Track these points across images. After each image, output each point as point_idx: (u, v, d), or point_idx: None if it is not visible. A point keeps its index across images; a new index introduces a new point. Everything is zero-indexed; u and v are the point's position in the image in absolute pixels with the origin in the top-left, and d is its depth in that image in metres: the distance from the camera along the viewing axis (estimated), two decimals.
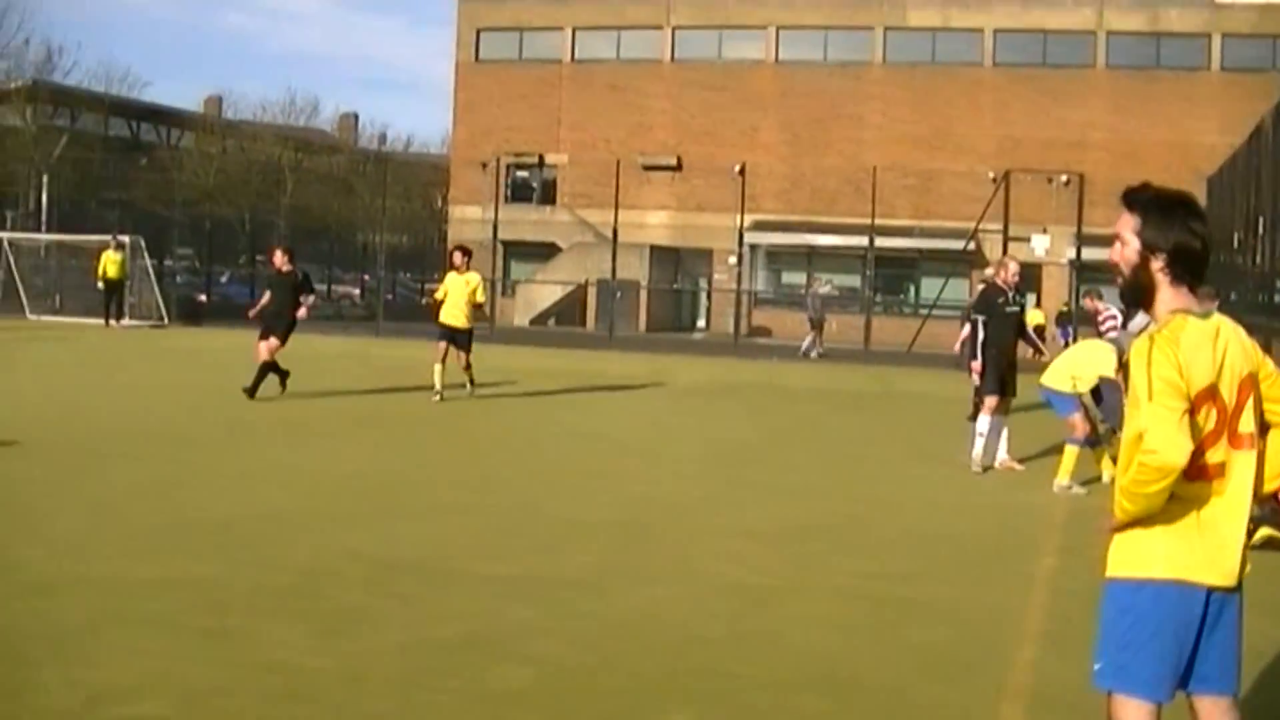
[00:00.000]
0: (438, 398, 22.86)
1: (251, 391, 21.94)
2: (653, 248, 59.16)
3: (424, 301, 20.11)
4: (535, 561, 11.02)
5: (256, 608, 9.23)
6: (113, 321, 44.55)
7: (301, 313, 22.71)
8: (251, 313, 23.38)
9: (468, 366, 23.47)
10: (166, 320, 46.70)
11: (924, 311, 52.27)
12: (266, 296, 23.27)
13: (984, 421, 17.59)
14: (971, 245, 54.09)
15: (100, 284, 45.59)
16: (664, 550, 11.75)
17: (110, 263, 45.04)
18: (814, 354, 43.48)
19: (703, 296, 62.50)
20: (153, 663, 7.84)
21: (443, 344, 23.23)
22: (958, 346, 25.49)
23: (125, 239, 46.77)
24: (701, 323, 61.92)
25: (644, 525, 12.93)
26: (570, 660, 8.26)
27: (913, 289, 60.69)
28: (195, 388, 21.99)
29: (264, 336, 22.48)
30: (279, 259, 23.38)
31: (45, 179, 64.41)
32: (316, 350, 33.80)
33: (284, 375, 22.49)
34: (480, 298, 23.93)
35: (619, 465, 17.34)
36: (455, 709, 7.33)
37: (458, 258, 24.00)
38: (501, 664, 8.09)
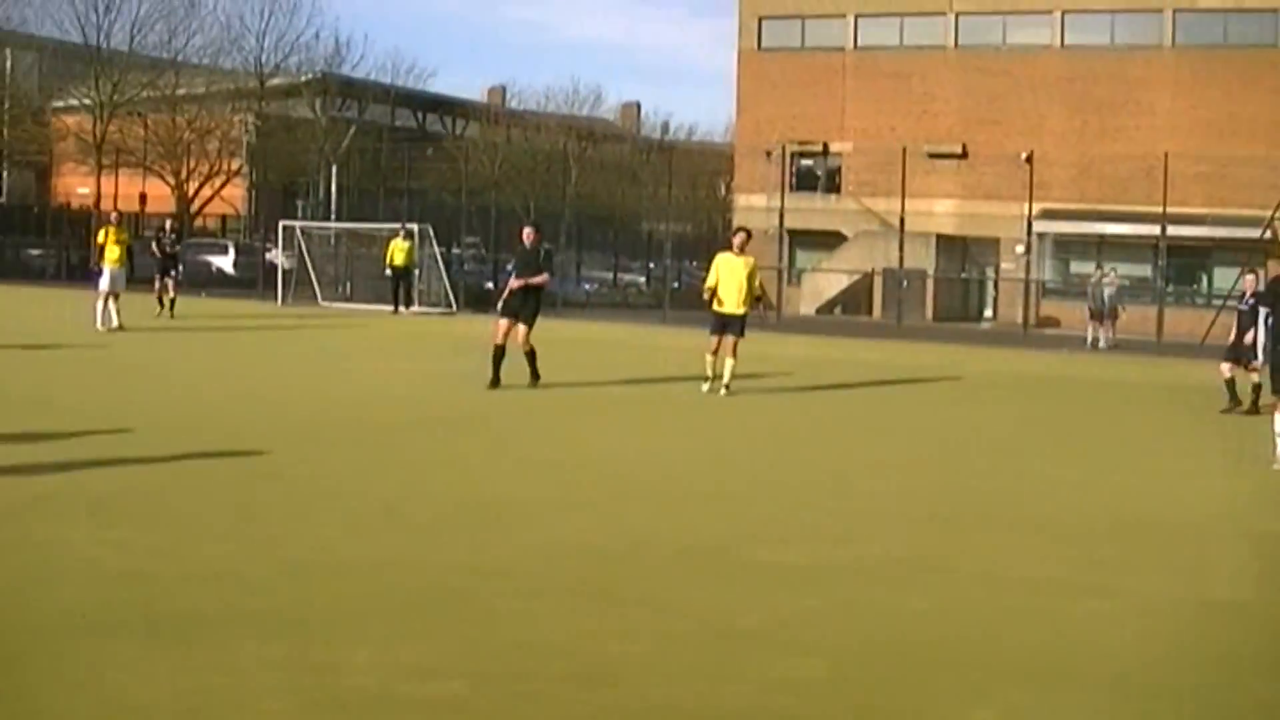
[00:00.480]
0: (707, 388, 22.18)
1: (533, 377, 21.95)
2: (939, 236, 58.65)
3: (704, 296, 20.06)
4: (825, 551, 10.89)
5: (547, 590, 9.27)
6: (402, 309, 45.28)
7: (515, 283, 22.09)
8: (512, 286, 22.80)
9: (734, 354, 22.21)
10: (455, 308, 47.35)
11: (1218, 302, 50.94)
12: (514, 278, 22.91)
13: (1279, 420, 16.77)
14: (1268, 234, 52.58)
15: (388, 272, 46.44)
16: (958, 543, 11.49)
17: (398, 251, 45.83)
18: (1102, 344, 42.75)
19: (989, 286, 61.73)
20: (451, 644, 7.89)
21: (715, 336, 22.28)
22: (1247, 338, 23.95)
23: (414, 227, 47.50)
24: (988, 312, 61.16)
25: (934, 517, 12.70)
26: (865, 653, 8.08)
27: (1206, 279, 59.24)
28: (480, 374, 22.18)
29: (513, 318, 22.02)
30: (528, 235, 22.99)
31: (334, 169, 65.80)
32: (603, 337, 34.08)
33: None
34: (756, 286, 22.79)
35: (908, 456, 17.02)
36: (753, 698, 7.21)
37: (739, 238, 22.96)
38: (796, 654, 7.96)
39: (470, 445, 16.46)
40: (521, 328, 21.92)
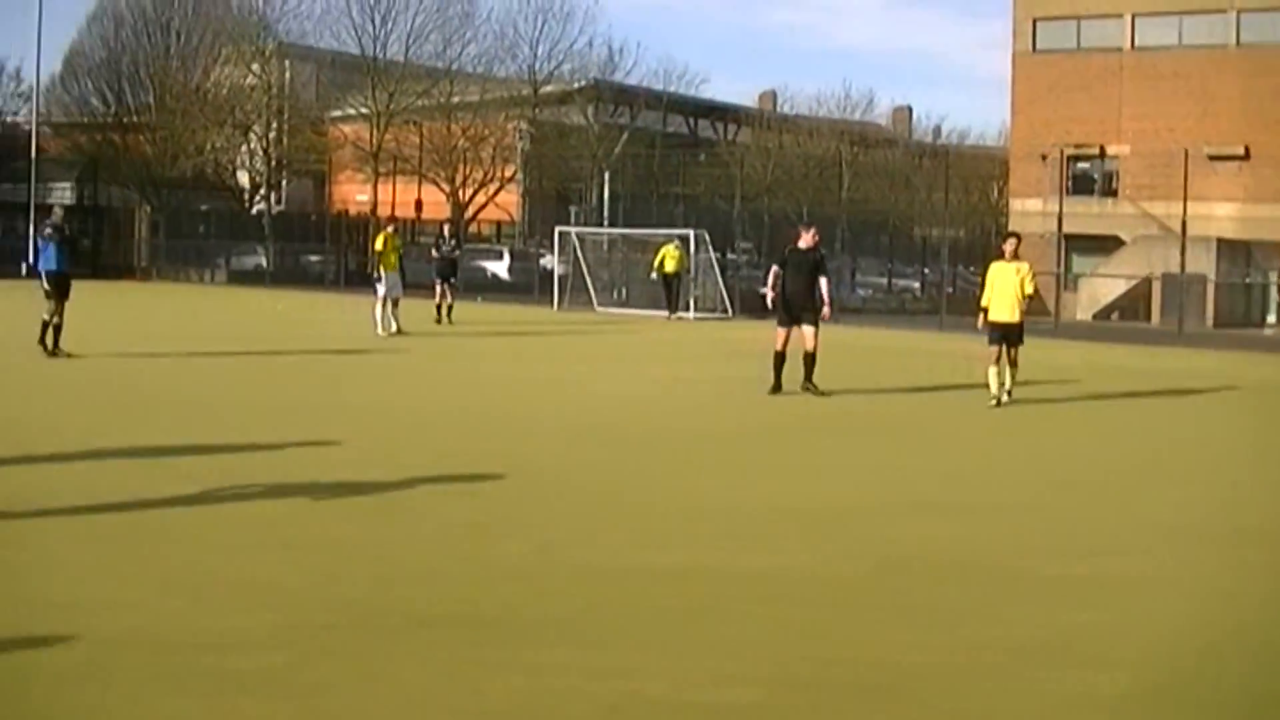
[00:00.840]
0: (994, 402, 21.50)
1: (807, 380, 21.84)
2: (1219, 240, 57.24)
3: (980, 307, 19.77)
4: (1108, 564, 10.75)
5: (837, 600, 9.31)
6: (677, 313, 45.47)
7: (826, 312, 22.03)
8: (770, 297, 22.59)
9: (1014, 363, 21.87)
10: (731, 312, 47.44)
11: None
12: (773, 274, 22.70)
13: None
14: None
15: (654, 276, 46.72)
16: (1239, 557, 11.27)
17: (668, 257, 46.07)
18: None
19: (1273, 291, 60.11)
20: (745, 652, 7.95)
21: (995, 347, 21.74)
22: None
23: (689, 233, 47.71)
24: (1271, 318, 59.55)
25: (1218, 529, 12.45)
26: (1154, 669, 7.94)
27: None
28: (758, 380, 22.20)
29: (793, 323, 21.97)
30: (812, 236, 22.61)
31: (606, 175, 66.31)
32: (880, 343, 33.92)
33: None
34: (1030, 288, 22.07)
35: (1188, 468, 16.68)
36: (1045, 713, 7.16)
37: (1009, 245, 22.35)
38: (1081, 669, 7.86)
39: (755, 451, 16.52)
40: (809, 329, 21.84)
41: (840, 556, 10.56)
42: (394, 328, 32.41)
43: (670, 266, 46.00)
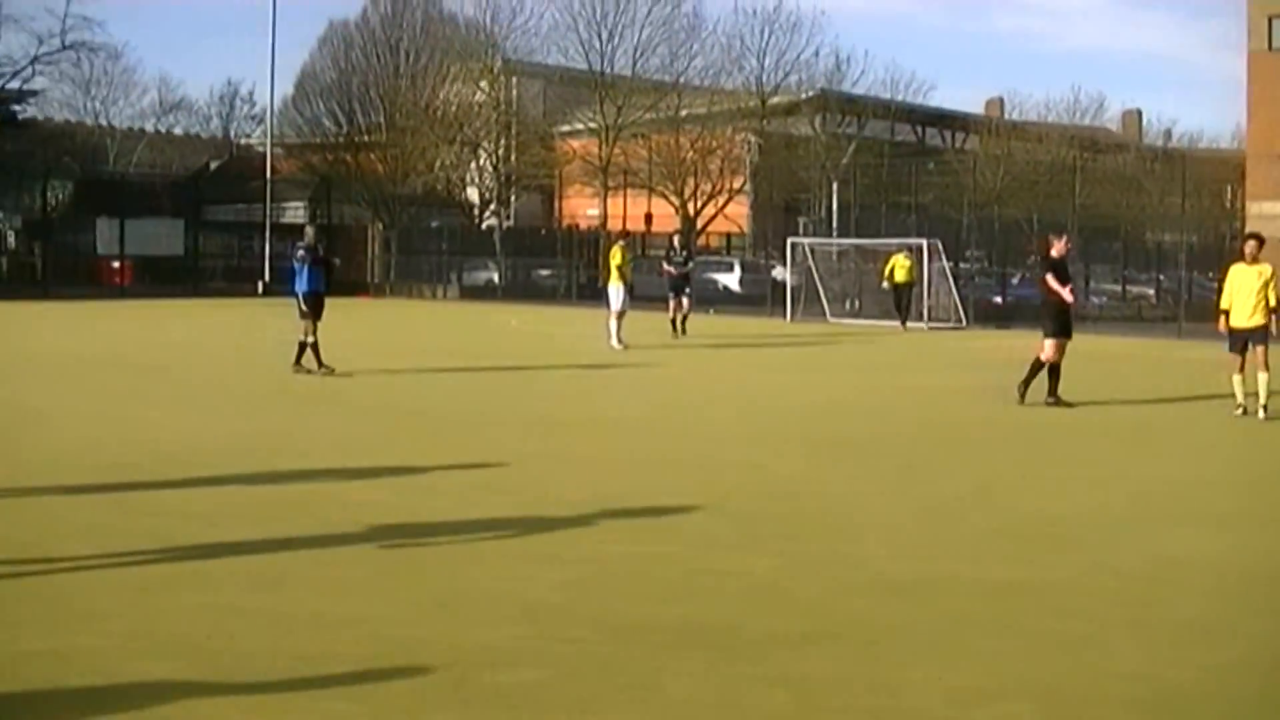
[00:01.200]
0: (1240, 411, 20.76)
1: (1053, 392, 21.56)
2: None
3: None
4: None
5: (1094, 612, 9.17)
6: (910, 323, 45.18)
7: (1068, 295, 21.78)
8: (1069, 296, 22.25)
9: (1264, 365, 20.68)
10: (965, 323, 47.07)
11: None
12: (1052, 279, 22.16)
13: None
14: None
15: (885, 286, 46.52)
16: None
17: (898, 267, 45.83)
18: None
19: None
20: (1008, 666, 7.90)
21: (1237, 354, 20.97)
22: None
23: (921, 242, 47.42)
24: None
25: None
26: None
27: None
28: (999, 389, 22.01)
29: (1057, 335, 21.77)
30: (1065, 244, 22.64)
31: (835, 185, 66.11)
32: (1118, 351, 33.43)
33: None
34: (1274, 299, 21.06)
35: None
36: None
37: (1250, 247, 21.60)
38: None
39: (1002, 461, 16.46)
40: (1052, 341, 21.59)
41: (1094, 567, 10.42)
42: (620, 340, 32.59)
43: (901, 276, 45.76)
